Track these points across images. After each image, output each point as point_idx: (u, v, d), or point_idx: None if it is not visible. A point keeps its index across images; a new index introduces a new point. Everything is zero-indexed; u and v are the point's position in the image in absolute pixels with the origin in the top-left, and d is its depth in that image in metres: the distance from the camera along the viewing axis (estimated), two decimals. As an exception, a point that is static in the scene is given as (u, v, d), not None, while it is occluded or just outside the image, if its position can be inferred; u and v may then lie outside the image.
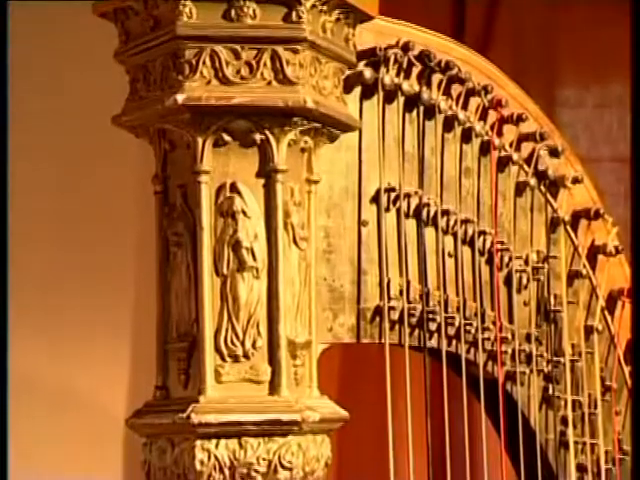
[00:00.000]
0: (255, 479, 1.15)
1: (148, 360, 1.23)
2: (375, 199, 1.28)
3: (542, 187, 1.42)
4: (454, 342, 1.33)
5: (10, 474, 1.47)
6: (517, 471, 1.37)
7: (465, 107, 1.34)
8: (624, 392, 1.46)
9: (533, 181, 1.40)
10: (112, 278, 2.04)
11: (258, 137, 1.17)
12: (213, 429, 1.14)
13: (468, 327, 1.34)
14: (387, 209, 1.29)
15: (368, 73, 1.26)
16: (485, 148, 1.37)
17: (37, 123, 2.00)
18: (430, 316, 1.30)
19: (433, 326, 1.31)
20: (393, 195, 1.29)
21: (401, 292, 1.29)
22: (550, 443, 1.41)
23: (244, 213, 1.18)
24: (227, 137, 1.17)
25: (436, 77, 1.31)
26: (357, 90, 1.28)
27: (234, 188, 1.18)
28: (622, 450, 1.43)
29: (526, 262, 1.40)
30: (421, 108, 1.30)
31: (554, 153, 1.41)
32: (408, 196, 1.30)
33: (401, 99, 1.29)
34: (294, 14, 1.16)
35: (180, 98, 1.15)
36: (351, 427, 1.27)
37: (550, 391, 1.41)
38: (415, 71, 1.30)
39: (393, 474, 1.25)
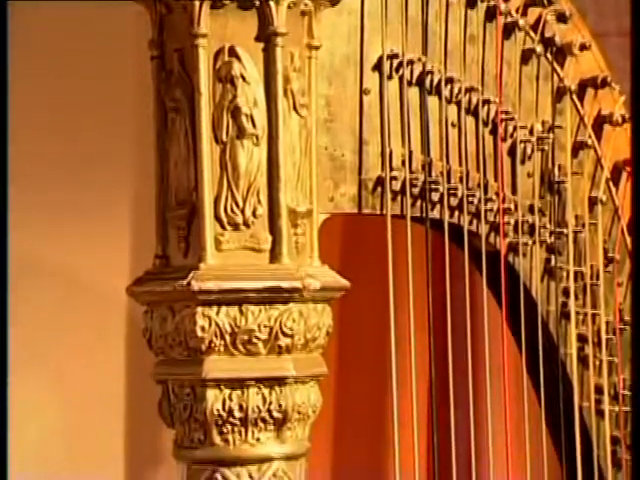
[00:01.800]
0: (256, 345, 1.15)
1: (150, 241, 1.22)
2: (377, 66, 1.26)
3: (548, 55, 1.39)
4: (456, 213, 1.32)
5: (10, 359, 1.47)
6: (518, 342, 1.38)
7: (470, -31, 1.31)
8: (627, 263, 1.46)
9: (539, 48, 1.37)
10: (112, 151, 2.02)
11: (257, -2, 1.14)
12: (213, 296, 1.14)
13: (471, 198, 1.32)
14: (389, 77, 1.26)
15: None
16: (491, 14, 1.33)
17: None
18: (432, 187, 1.29)
19: (435, 197, 1.30)
20: (396, 62, 1.26)
21: (403, 162, 1.27)
22: (551, 314, 1.41)
23: (243, 78, 1.15)
24: (225, -2, 1.14)
25: (440, -63, 1.28)
26: (359, -50, 1.24)
27: (233, 52, 1.15)
28: (623, 321, 1.43)
29: (531, 132, 1.38)
30: (425, -30, 1.27)
31: (561, 18, 1.38)
32: (411, 63, 1.27)
33: (404, -40, 1.26)
34: None
35: (176, -44, 1.12)
36: (352, 298, 1.27)
37: (552, 262, 1.41)
38: None
39: (394, 343, 1.25)
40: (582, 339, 1.43)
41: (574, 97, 1.42)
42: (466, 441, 1.35)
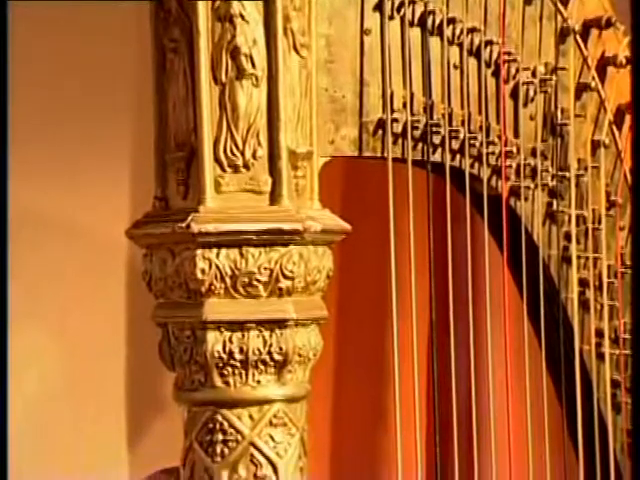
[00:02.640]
0: (257, 288, 1.14)
1: (149, 186, 1.21)
2: (378, 6, 1.24)
3: (552, -6, 1.37)
4: (458, 156, 1.31)
5: (11, 306, 1.47)
6: (519, 286, 1.37)
7: None
8: (628, 207, 1.45)
9: (543, -12, 1.36)
10: (110, 97, 2.01)
11: None
12: (213, 238, 1.13)
13: (473, 141, 1.31)
14: (391, 17, 1.24)
15: None
16: (493, -47, 1.32)
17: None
18: (434, 129, 1.28)
19: (437, 140, 1.29)
20: (397, 2, 1.25)
21: (404, 104, 1.26)
22: (553, 258, 1.41)
23: (242, 17, 1.14)
24: None
25: None
26: None
27: (231, -10, 1.14)
28: (624, 264, 1.43)
29: (533, 74, 1.36)
30: None
31: (566, -44, 1.36)
32: (413, 3, 1.25)
33: None
34: None
35: None
36: (353, 241, 1.27)
37: (554, 206, 1.40)
38: None
39: (395, 284, 1.24)
40: (583, 283, 1.43)
41: (578, 38, 1.40)
42: (466, 378, 1.36)
